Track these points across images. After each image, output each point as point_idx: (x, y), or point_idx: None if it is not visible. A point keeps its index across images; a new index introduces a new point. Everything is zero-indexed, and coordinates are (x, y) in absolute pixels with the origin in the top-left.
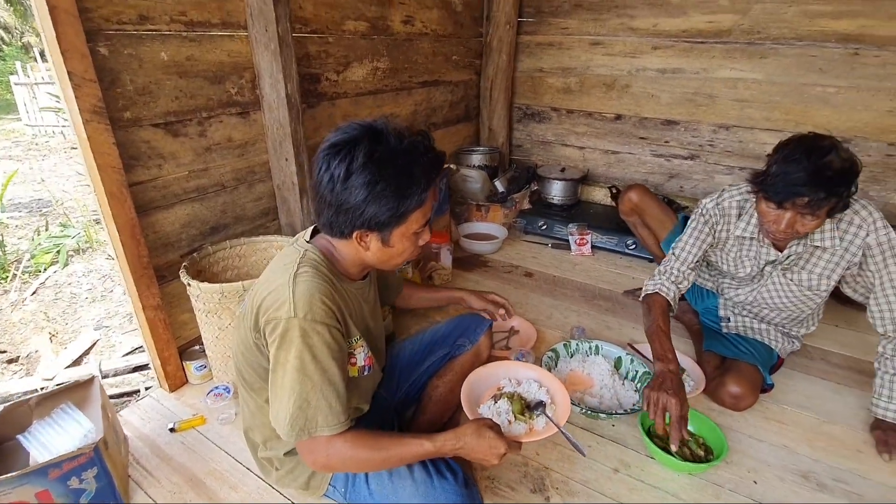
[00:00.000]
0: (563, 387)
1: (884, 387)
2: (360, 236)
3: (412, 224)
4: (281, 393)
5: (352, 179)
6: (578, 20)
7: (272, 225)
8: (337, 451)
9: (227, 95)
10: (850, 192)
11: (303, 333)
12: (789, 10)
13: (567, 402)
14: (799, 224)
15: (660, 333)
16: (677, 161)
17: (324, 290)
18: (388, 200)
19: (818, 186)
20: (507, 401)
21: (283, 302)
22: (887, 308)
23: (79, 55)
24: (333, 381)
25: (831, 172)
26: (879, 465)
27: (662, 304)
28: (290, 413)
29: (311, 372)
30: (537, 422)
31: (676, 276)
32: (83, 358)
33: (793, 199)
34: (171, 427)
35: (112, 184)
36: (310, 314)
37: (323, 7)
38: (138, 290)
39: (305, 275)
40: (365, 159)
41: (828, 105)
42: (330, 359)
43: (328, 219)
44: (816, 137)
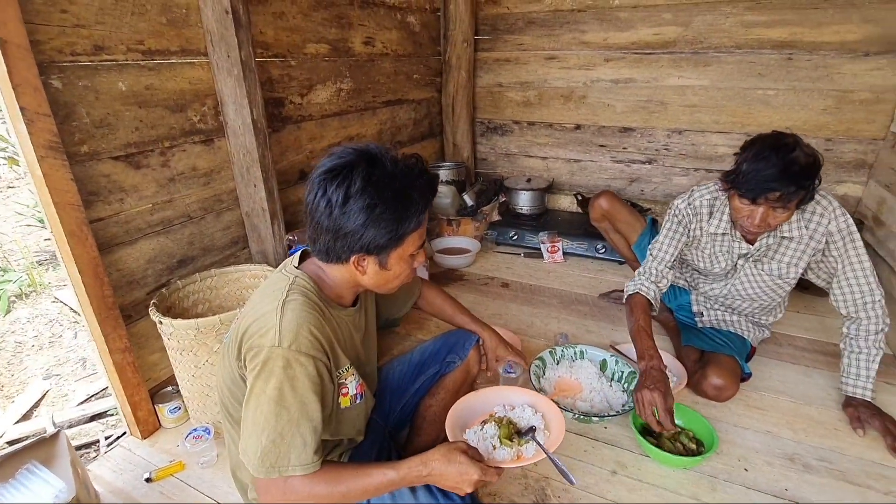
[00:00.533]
0: (559, 412)
1: (850, 365)
2: (357, 260)
3: (409, 246)
4: (254, 424)
5: (350, 203)
6: (533, 36)
7: (242, 254)
8: (293, 488)
9: (190, 123)
10: (816, 185)
11: (285, 364)
12: (727, 21)
13: (562, 428)
14: (771, 217)
15: (641, 333)
16: (636, 166)
17: (313, 321)
18: (388, 223)
19: (788, 181)
20: (494, 425)
21: (268, 329)
22: (849, 291)
23: (31, 89)
24: (312, 416)
25: (798, 167)
26: (855, 440)
27: (643, 304)
28: (263, 447)
29: (290, 404)
30: (526, 448)
31: (655, 276)
32: (33, 411)
33: (766, 195)
34: (146, 477)
35: (71, 222)
36: (295, 345)
37: (283, 31)
38: (104, 333)
39: (295, 303)
40: (363, 183)
41: (769, 106)
42: (311, 392)
43: (325, 244)
44: (780, 135)
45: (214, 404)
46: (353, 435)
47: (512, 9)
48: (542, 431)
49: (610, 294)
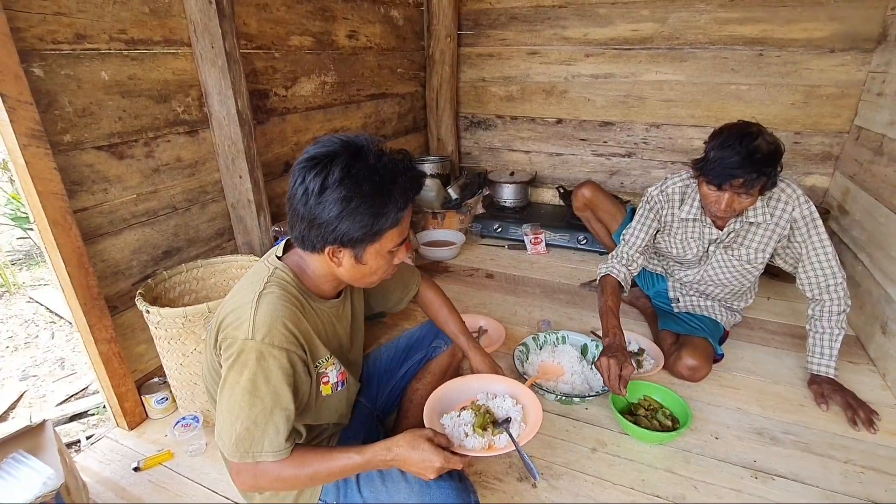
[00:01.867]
0: (539, 406)
1: (815, 345)
2: (332, 252)
3: (387, 242)
4: (229, 412)
5: (326, 194)
6: (515, 31)
7: (228, 245)
8: (264, 472)
9: (174, 114)
10: (777, 172)
11: (258, 356)
12: (702, 18)
13: (538, 422)
14: (736, 203)
15: (608, 312)
16: (616, 159)
17: (287, 314)
18: (363, 218)
19: (750, 168)
20: (471, 413)
21: (242, 322)
22: (813, 274)
23: (12, 77)
24: (285, 405)
25: (760, 155)
26: (819, 415)
27: (612, 284)
28: (237, 433)
29: (263, 394)
30: (499, 438)
31: (626, 260)
32: (10, 412)
33: (730, 181)
34: (135, 466)
35: (55, 211)
36: (268, 338)
37: (267, 23)
38: (89, 324)
39: (271, 296)
40: (341, 175)
41: (741, 101)
42: (284, 383)
43: (300, 232)
44: (745, 125)
45: (203, 392)
46: (336, 420)
47: (494, 4)
48: (518, 423)
49: (591, 283)
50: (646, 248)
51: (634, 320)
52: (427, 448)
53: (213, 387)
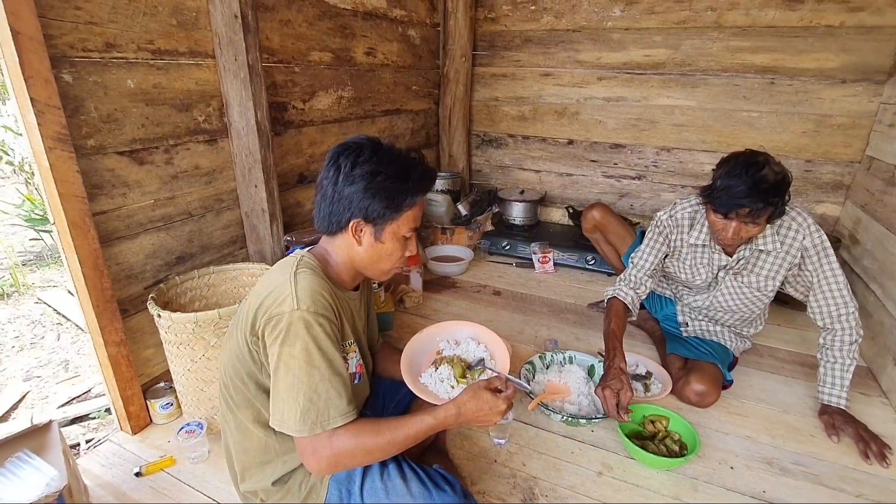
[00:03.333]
0: (501, 340)
1: (827, 374)
2: (355, 227)
3: (403, 224)
4: (287, 389)
5: (356, 169)
6: (529, 53)
7: (240, 253)
8: (342, 443)
9: (195, 123)
10: (785, 201)
11: (307, 325)
12: (714, 46)
13: (506, 354)
14: (744, 231)
15: (611, 336)
16: (626, 181)
17: (324, 286)
18: (387, 192)
19: (756, 198)
20: (447, 366)
21: (285, 297)
22: (824, 303)
23: (42, 81)
24: (340, 371)
25: (766, 185)
26: (830, 446)
27: (618, 308)
28: (301, 407)
29: (318, 363)
30: (482, 377)
31: (634, 283)
32: (12, 412)
33: (736, 210)
34: (136, 471)
35: (75, 213)
36: (313, 306)
37: (289, 38)
38: (100, 325)
39: (305, 272)
40: (370, 154)
41: (752, 128)
42: (334, 349)
43: (327, 212)
44: (752, 154)
45: (209, 399)
46: None
47: (510, 27)
48: (489, 361)
49: (599, 304)
50: (654, 271)
51: (642, 343)
52: (488, 396)
53: (233, 379)
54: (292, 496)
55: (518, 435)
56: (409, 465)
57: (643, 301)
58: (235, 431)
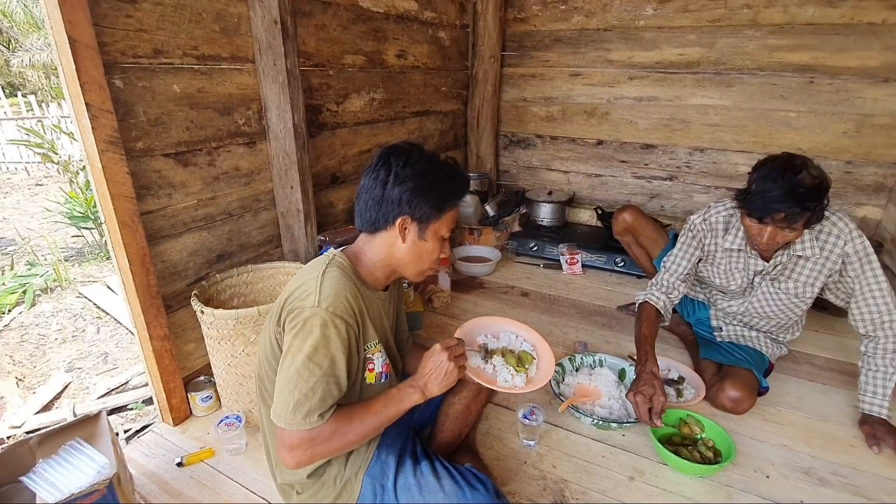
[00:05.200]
0: (543, 339)
1: (868, 383)
2: (402, 223)
3: (444, 225)
4: (287, 381)
5: (408, 169)
6: (558, 53)
7: (275, 252)
8: (319, 433)
9: (235, 126)
10: (823, 206)
11: (323, 323)
12: (750, 44)
13: (547, 347)
14: (780, 236)
15: (642, 340)
16: (657, 182)
17: (349, 289)
18: (434, 192)
19: (792, 203)
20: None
21: (309, 293)
22: (867, 310)
23: (97, 87)
24: (339, 375)
25: (803, 189)
26: (871, 457)
27: (650, 312)
28: (295, 400)
29: (321, 361)
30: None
31: (666, 287)
32: (54, 402)
33: (771, 215)
34: (178, 462)
35: (125, 213)
36: (332, 307)
37: (324, 42)
38: (146, 321)
39: (334, 272)
40: (419, 156)
41: (790, 128)
42: (341, 353)
43: (375, 208)
44: (789, 157)
45: (247, 393)
46: None
47: (539, 27)
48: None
49: (628, 307)
50: (687, 276)
51: (674, 347)
52: (426, 353)
53: (267, 371)
54: (326, 490)
55: (548, 437)
56: (441, 464)
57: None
58: (270, 424)
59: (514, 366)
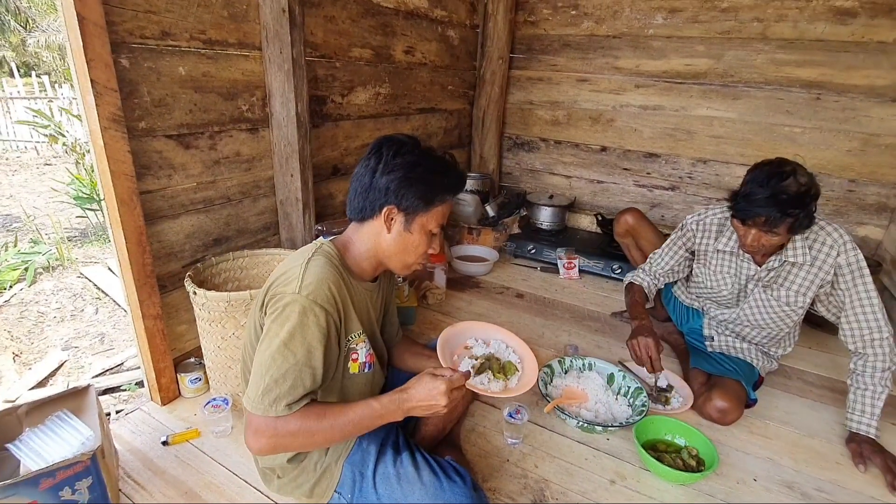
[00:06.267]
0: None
1: (856, 402)
2: (388, 213)
3: (432, 219)
4: (260, 364)
5: (398, 158)
6: (566, 58)
7: (273, 239)
8: (285, 425)
9: (239, 112)
10: (808, 213)
11: (301, 311)
12: (758, 58)
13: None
14: (764, 239)
15: (636, 304)
16: (659, 191)
17: (332, 278)
18: (423, 184)
19: (774, 208)
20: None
21: (291, 280)
22: (857, 325)
23: (103, 65)
24: (314, 364)
25: (786, 196)
26: (856, 475)
27: (638, 288)
28: (265, 385)
29: (297, 349)
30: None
31: (650, 273)
32: (49, 379)
33: (753, 218)
34: (163, 440)
35: (124, 191)
36: (313, 294)
37: (332, 34)
38: (140, 299)
39: (318, 260)
40: (412, 147)
41: (794, 143)
42: (318, 343)
43: (363, 196)
44: (781, 163)
45: (235, 377)
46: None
47: (549, 31)
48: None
49: (622, 313)
50: (668, 273)
51: (665, 356)
52: (429, 379)
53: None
54: (306, 475)
55: (532, 437)
56: (422, 455)
57: (668, 312)
58: None
59: (494, 371)
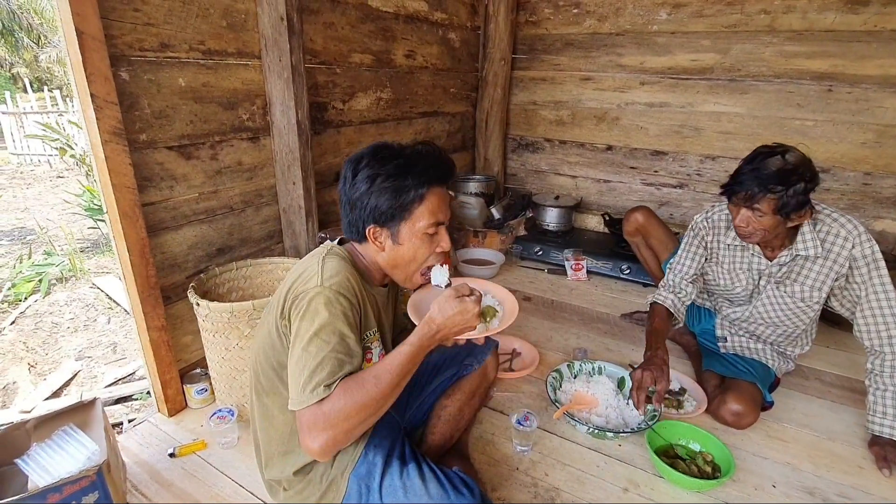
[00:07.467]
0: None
1: (877, 403)
2: (372, 233)
3: (419, 220)
4: (297, 362)
5: (357, 177)
6: (569, 57)
7: (277, 248)
8: (332, 406)
9: (239, 121)
10: (795, 192)
11: (327, 301)
12: (766, 51)
13: (514, 303)
14: (754, 220)
15: (654, 332)
16: (666, 189)
17: (350, 271)
18: (387, 192)
19: (753, 183)
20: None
21: (311, 276)
22: (873, 322)
23: (102, 78)
24: (351, 348)
25: (767, 172)
26: (880, 480)
27: (660, 311)
28: (305, 378)
29: (328, 336)
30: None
31: (674, 287)
32: (63, 389)
33: (736, 195)
34: (170, 452)
35: (126, 203)
36: (336, 285)
37: (332, 40)
38: (144, 311)
39: (334, 258)
40: (368, 158)
41: (806, 137)
42: (349, 329)
43: (347, 219)
44: (775, 145)
45: (241, 387)
46: None
47: (551, 30)
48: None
49: (632, 315)
50: (694, 277)
51: (677, 358)
52: (455, 301)
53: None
54: (312, 487)
55: (542, 444)
56: (428, 466)
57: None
58: (261, 418)
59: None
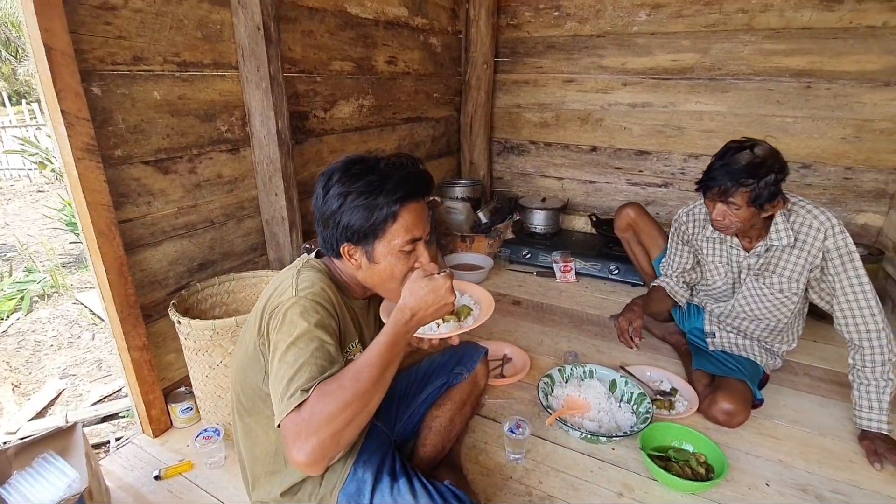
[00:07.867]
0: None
1: (862, 398)
2: (347, 250)
3: (394, 237)
4: (275, 374)
5: (329, 192)
6: (552, 60)
7: (260, 260)
8: (311, 410)
9: (218, 133)
10: (766, 184)
11: (303, 310)
12: (745, 49)
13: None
14: (729, 214)
15: (651, 290)
16: (652, 189)
17: (326, 282)
18: (359, 210)
19: (725, 177)
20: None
21: (286, 289)
22: (850, 315)
23: (73, 95)
24: (328, 350)
25: (738, 166)
26: (872, 474)
27: (659, 288)
28: (283, 387)
29: (305, 344)
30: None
31: (673, 279)
32: (48, 409)
33: (711, 189)
34: (156, 474)
35: (101, 221)
36: (310, 293)
37: (311, 49)
38: (124, 331)
39: (309, 270)
40: (339, 175)
41: (787, 133)
42: (326, 334)
43: (321, 236)
44: (743, 140)
45: (226, 406)
46: None
47: (532, 33)
48: (475, 305)
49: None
50: (684, 271)
51: (667, 357)
52: (425, 280)
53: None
54: None
55: (535, 451)
56: (419, 481)
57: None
58: (245, 439)
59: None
